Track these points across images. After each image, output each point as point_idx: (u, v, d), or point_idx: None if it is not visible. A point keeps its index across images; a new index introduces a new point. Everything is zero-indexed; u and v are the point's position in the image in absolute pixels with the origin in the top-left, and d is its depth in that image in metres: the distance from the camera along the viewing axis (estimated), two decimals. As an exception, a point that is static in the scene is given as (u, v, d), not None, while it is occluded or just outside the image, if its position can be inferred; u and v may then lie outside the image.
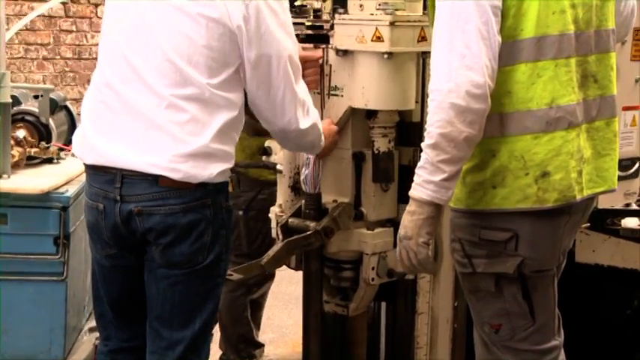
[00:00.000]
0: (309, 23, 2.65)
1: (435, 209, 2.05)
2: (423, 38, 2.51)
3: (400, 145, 2.66)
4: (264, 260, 2.55)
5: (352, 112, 2.59)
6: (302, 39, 2.64)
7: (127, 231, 2.23)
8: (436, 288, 2.72)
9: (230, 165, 2.25)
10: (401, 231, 2.10)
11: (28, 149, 3.38)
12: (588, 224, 2.87)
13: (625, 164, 2.89)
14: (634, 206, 3.04)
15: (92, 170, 2.27)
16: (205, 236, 2.23)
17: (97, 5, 6.24)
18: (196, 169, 2.16)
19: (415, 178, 2.06)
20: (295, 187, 2.72)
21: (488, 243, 2.15)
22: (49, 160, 3.47)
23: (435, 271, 2.64)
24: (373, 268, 2.60)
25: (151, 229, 2.20)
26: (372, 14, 2.49)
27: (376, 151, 2.58)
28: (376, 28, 2.46)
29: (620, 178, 2.34)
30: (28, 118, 3.44)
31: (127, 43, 2.22)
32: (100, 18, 5.81)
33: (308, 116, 2.32)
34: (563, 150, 2.08)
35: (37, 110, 3.45)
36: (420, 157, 2.05)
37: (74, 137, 2.34)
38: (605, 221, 2.99)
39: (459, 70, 1.97)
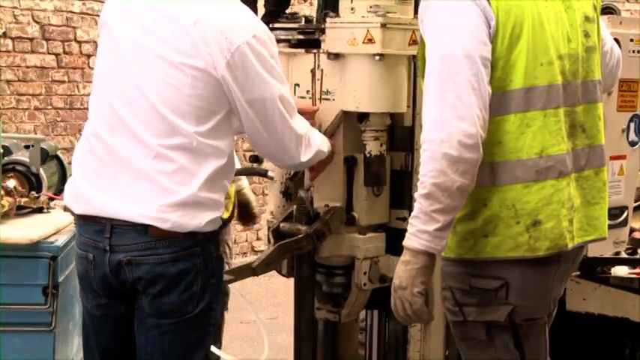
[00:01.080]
0: (301, 29, 2.67)
1: (429, 259, 2.06)
2: (414, 41, 2.53)
3: (392, 151, 2.66)
4: (255, 263, 2.51)
5: (344, 115, 2.60)
6: (293, 44, 2.66)
7: (116, 281, 2.22)
8: (427, 337, 2.71)
9: (220, 213, 2.25)
10: (395, 281, 2.09)
11: (18, 199, 3.37)
12: (578, 272, 2.88)
13: (614, 213, 2.91)
14: (624, 255, 3.05)
15: (82, 220, 2.27)
16: (195, 286, 2.22)
17: (88, 56, 6.29)
18: (185, 218, 2.16)
19: (409, 227, 2.06)
20: (287, 193, 2.72)
21: (479, 291, 2.15)
22: (39, 210, 3.46)
23: (429, 321, 2.64)
24: (365, 273, 2.59)
25: (140, 279, 2.20)
26: (363, 17, 2.50)
27: (368, 155, 2.57)
28: (367, 30, 2.48)
29: (609, 227, 2.36)
30: (18, 168, 3.44)
31: (115, 94, 2.24)
32: (92, 69, 5.85)
33: (310, 149, 2.35)
34: (554, 199, 2.10)
35: (27, 160, 3.45)
36: (412, 161, 2.02)
37: (66, 187, 2.35)
38: (596, 269, 3.00)
39: (451, 121, 1.99)
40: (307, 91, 2.65)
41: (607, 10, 3.18)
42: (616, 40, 2.53)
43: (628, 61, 2.81)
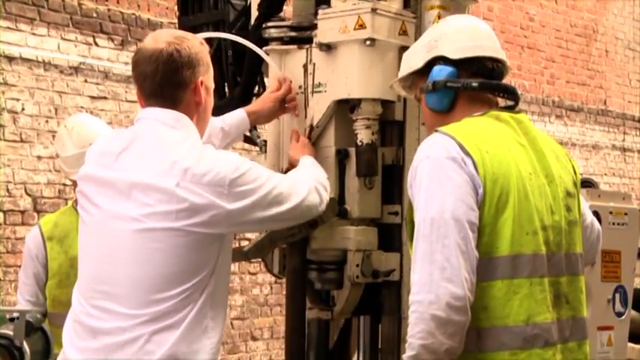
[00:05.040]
0: (293, 26, 2.74)
1: (416, 422, 2.02)
2: (404, 32, 2.61)
3: (383, 146, 2.69)
4: (246, 248, 2.48)
5: (336, 107, 2.64)
6: (286, 41, 2.74)
7: None
8: None
9: (215, 338, 2.21)
10: None
11: (-1, 372, 3.30)
12: None
13: (605, 386, 2.88)
14: None
15: None
16: None
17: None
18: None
19: (397, 391, 2.05)
20: None
21: None
22: (20, 383, 3.39)
23: None
24: (358, 266, 2.55)
25: None
26: (354, 4, 2.60)
27: (360, 143, 2.59)
28: (359, 17, 2.57)
29: (602, 401, 2.33)
30: (1, 342, 3.40)
31: (96, 268, 2.26)
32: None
33: (323, 193, 2.41)
34: (542, 368, 2.09)
35: (11, 334, 3.42)
36: (403, 156, 2.12)
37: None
38: None
39: (439, 283, 2.02)
40: (299, 87, 2.72)
41: (586, 184, 3.29)
42: (596, 212, 2.61)
43: (609, 232, 2.87)
